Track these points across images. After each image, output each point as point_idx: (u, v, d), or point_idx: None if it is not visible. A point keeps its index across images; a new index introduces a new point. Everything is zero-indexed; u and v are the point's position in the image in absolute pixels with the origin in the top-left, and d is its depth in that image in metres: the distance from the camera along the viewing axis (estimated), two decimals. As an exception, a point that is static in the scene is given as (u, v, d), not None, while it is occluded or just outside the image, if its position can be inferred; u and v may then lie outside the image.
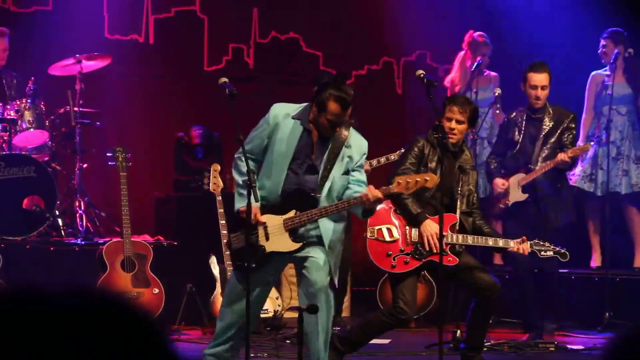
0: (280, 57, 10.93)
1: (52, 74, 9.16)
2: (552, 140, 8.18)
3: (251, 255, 5.94)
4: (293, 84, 10.64)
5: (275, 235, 5.98)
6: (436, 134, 6.42)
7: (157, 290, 8.12)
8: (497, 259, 10.10)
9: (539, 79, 8.14)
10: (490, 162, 8.49)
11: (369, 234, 6.74)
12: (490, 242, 6.70)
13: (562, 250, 6.82)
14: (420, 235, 6.65)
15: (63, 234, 8.96)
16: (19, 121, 8.79)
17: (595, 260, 9.37)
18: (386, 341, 8.23)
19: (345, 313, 9.08)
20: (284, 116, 5.96)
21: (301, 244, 5.96)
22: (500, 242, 6.69)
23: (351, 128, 6.13)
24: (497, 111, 9.59)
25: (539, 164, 8.18)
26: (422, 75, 6.50)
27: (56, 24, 10.05)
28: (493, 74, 9.87)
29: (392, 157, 8.13)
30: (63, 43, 9.77)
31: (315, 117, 5.93)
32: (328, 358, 6.31)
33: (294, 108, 6.06)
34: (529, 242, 6.68)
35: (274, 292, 8.34)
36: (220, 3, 10.85)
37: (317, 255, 5.95)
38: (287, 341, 7.89)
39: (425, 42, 11.20)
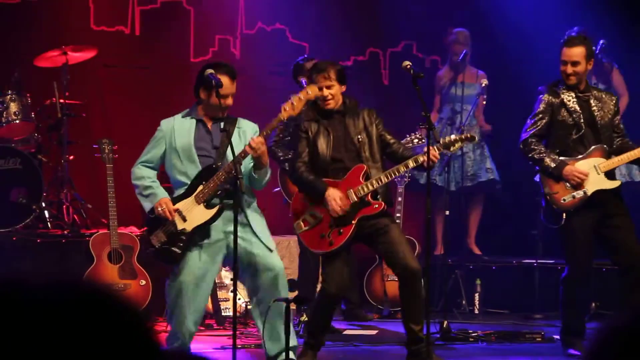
0: (267, 48, 10.90)
1: (37, 65, 9.13)
2: (604, 123, 7.18)
3: (175, 242, 6.30)
4: (279, 75, 10.61)
5: (191, 212, 6.31)
6: (423, 125, 6.46)
7: (144, 282, 8.12)
8: (439, 249, 9.98)
9: (569, 53, 7.14)
10: (534, 144, 7.13)
11: (297, 230, 6.62)
12: (402, 169, 6.45)
13: (468, 135, 6.69)
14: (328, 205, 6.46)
15: (49, 225, 8.92)
16: (4, 113, 8.75)
17: None
18: (373, 332, 8.25)
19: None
20: (175, 120, 6.41)
21: (217, 207, 6.25)
22: (411, 163, 6.40)
23: (239, 118, 6.50)
24: (484, 102, 9.59)
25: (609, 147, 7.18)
26: (408, 66, 6.52)
27: (42, 15, 10.01)
28: (480, 72, 9.89)
29: None
30: (49, 34, 9.73)
31: (206, 103, 6.33)
32: (304, 356, 6.43)
33: (180, 114, 6.50)
34: (434, 146, 6.36)
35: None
36: (206, -6, 10.82)
37: (257, 244, 6.27)
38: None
39: (411, 32, 11.19)
